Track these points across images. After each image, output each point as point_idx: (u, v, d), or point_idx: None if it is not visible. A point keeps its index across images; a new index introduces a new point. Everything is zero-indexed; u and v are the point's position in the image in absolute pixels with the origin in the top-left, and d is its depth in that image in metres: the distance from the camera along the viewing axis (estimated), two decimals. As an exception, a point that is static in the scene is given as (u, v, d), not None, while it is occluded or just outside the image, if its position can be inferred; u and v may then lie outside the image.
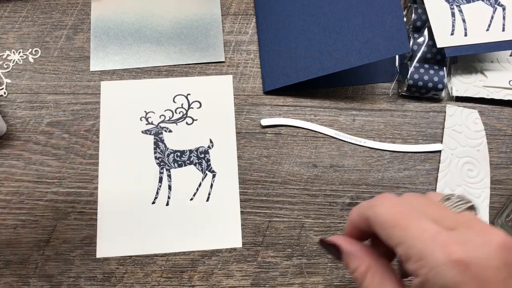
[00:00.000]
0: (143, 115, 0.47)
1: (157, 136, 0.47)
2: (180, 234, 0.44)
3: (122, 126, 0.47)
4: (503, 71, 0.50)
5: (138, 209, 0.44)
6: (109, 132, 0.47)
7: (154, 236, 0.44)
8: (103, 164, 0.46)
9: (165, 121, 0.47)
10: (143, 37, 0.51)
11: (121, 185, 0.45)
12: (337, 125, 0.49)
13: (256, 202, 0.46)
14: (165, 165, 0.46)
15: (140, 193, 0.45)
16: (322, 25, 0.47)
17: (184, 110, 0.48)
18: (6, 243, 0.44)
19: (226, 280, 0.43)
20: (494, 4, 0.49)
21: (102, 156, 0.46)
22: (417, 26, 0.51)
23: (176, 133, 0.47)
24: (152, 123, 0.47)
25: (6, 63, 0.50)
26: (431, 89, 0.48)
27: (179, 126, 0.47)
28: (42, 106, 0.48)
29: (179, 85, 0.49)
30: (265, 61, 0.50)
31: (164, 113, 0.48)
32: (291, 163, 0.47)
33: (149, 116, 0.47)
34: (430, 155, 0.48)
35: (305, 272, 0.44)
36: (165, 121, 0.47)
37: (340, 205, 0.46)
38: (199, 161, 0.46)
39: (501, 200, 0.47)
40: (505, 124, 0.49)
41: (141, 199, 0.45)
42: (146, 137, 0.47)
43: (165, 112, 0.48)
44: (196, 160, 0.46)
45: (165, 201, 0.45)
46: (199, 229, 0.44)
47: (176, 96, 0.48)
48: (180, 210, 0.45)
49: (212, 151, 0.47)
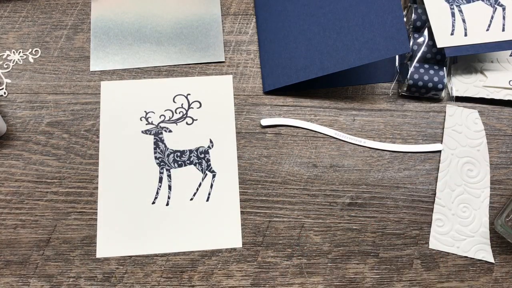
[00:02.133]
0: (143, 115, 0.47)
1: (157, 136, 0.47)
2: (180, 234, 0.44)
3: (122, 126, 0.47)
4: (503, 71, 0.50)
5: (138, 209, 0.44)
6: (109, 132, 0.47)
7: (154, 236, 0.44)
8: (103, 164, 0.46)
9: (165, 121, 0.47)
10: (143, 37, 0.51)
11: (121, 185, 0.45)
12: (337, 125, 0.49)
13: (256, 202, 0.46)
14: (165, 165, 0.46)
15: (140, 193, 0.45)
16: (322, 25, 0.47)
17: (184, 110, 0.48)
18: (6, 243, 0.44)
19: (226, 280, 0.43)
20: (494, 4, 0.49)
21: (102, 156, 0.46)
22: (417, 26, 0.51)
23: (176, 133, 0.47)
24: (152, 123, 0.47)
25: (6, 63, 0.50)
26: (431, 89, 0.48)
27: (179, 126, 0.47)
28: (42, 106, 0.48)
29: (179, 85, 0.49)
30: (265, 61, 0.50)
31: (164, 113, 0.48)
32: (291, 163, 0.47)
33: (149, 116, 0.47)
34: (430, 155, 0.48)
35: (305, 272, 0.44)
36: (165, 121, 0.47)
37: (340, 205, 0.46)
38: (199, 161, 0.46)
39: (501, 200, 0.47)
40: (505, 124, 0.49)
41: (141, 199, 0.45)
42: (146, 137, 0.47)
43: (165, 112, 0.48)
44: (196, 160, 0.46)
45: (165, 201, 0.45)
46: (199, 229, 0.44)
47: (176, 96, 0.48)
48: (180, 210, 0.45)
49: (212, 151, 0.47)
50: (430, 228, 0.46)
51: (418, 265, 0.45)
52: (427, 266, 0.45)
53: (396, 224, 0.46)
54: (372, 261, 0.45)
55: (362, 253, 0.45)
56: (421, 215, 0.46)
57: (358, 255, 0.45)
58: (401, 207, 0.46)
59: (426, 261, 0.45)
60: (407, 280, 0.44)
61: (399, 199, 0.47)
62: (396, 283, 0.44)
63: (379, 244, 0.45)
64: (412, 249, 0.45)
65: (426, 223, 0.46)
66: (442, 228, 0.46)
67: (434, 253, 0.45)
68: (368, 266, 0.44)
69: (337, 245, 0.45)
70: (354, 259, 0.45)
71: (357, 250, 0.45)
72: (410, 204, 0.46)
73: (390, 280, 0.44)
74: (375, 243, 0.45)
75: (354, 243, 0.45)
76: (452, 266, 0.45)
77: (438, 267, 0.45)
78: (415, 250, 0.45)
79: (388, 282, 0.44)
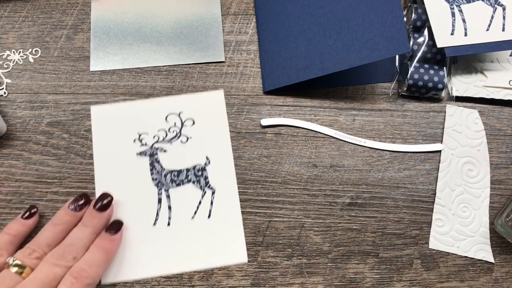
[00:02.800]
0: (136, 137, 0.46)
1: (152, 157, 0.46)
2: (184, 253, 0.43)
3: (116, 150, 0.46)
4: (503, 71, 0.50)
5: (140, 232, 0.44)
6: (104, 158, 0.46)
7: (158, 258, 0.43)
8: (100, 191, 0.45)
9: (159, 142, 0.46)
10: (143, 37, 0.51)
11: (120, 210, 0.44)
12: (337, 125, 0.49)
13: (256, 202, 0.46)
14: (163, 186, 0.45)
15: (140, 216, 0.44)
16: (322, 25, 0.47)
17: (177, 128, 0.47)
18: (6, 243, 0.44)
19: (226, 280, 0.43)
20: (494, 4, 0.49)
21: (98, 182, 0.45)
22: (417, 26, 0.51)
23: (172, 153, 0.46)
24: (146, 144, 0.46)
25: (6, 63, 0.50)
26: (431, 89, 0.48)
27: (173, 146, 0.46)
28: (42, 106, 0.48)
29: (170, 104, 0.48)
30: (265, 61, 0.50)
31: (158, 133, 0.47)
32: (291, 163, 0.47)
33: (142, 137, 0.46)
34: (430, 155, 0.48)
35: (305, 272, 0.44)
36: (159, 141, 0.46)
37: (340, 205, 0.46)
38: (197, 179, 0.45)
39: (501, 200, 0.47)
40: (505, 124, 0.49)
41: (142, 221, 0.44)
42: (142, 159, 0.46)
43: (159, 132, 0.47)
44: (194, 178, 0.45)
45: (166, 222, 0.44)
46: (203, 247, 0.43)
47: (168, 115, 0.47)
48: (182, 229, 0.44)
49: (210, 167, 0.46)
50: (430, 228, 0.46)
51: (418, 265, 0.45)
52: (427, 266, 0.45)
53: (396, 224, 0.46)
54: (372, 261, 0.45)
55: (362, 253, 0.45)
56: (421, 215, 0.46)
57: (358, 255, 0.45)
58: (401, 207, 0.46)
59: (426, 261, 0.45)
60: (407, 280, 0.44)
61: (399, 199, 0.47)
62: (396, 283, 0.44)
63: (379, 244, 0.45)
64: (412, 249, 0.45)
65: (426, 223, 0.46)
66: (442, 228, 0.46)
67: (434, 253, 0.45)
68: (368, 266, 0.44)
69: (337, 245, 0.45)
70: (354, 259, 0.45)
71: (357, 250, 0.45)
72: (410, 204, 0.46)
73: (390, 280, 0.44)
74: (375, 243, 0.45)
75: (354, 243, 0.45)
76: (452, 266, 0.45)
77: (438, 267, 0.45)
78: (415, 250, 0.45)
79: (388, 282, 0.44)
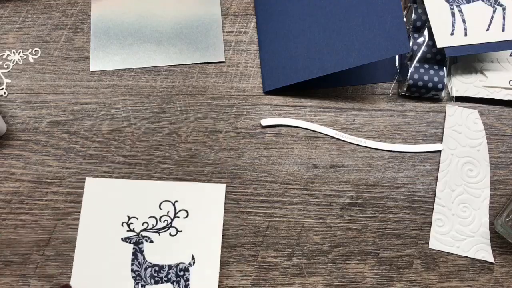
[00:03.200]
0: (125, 220, 0.44)
1: (137, 245, 0.43)
2: None
3: (103, 228, 0.44)
4: (503, 71, 0.50)
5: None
6: (88, 235, 0.43)
7: None
8: (77, 269, 0.43)
9: (147, 230, 0.44)
10: (143, 37, 0.51)
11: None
12: (337, 125, 0.49)
13: (256, 202, 0.46)
14: (140, 280, 0.42)
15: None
16: (322, 25, 0.47)
17: (169, 218, 0.44)
18: (6, 243, 0.44)
19: (226, 280, 0.43)
20: (494, 4, 0.49)
21: (77, 262, 0.43)
22: (417, 26, 0.51)
23: (158, 244, 0.43)
24: (134, 230, 0.44)
25: (6, 63, 0.50)
26: (431, 89, 0.48)
27: (161, 237, 0.43)
28: (42, 106, 0.48)
29: (168, 190, 0.45)
30: (265, 61, 0.50)
31: (148, 220, 0.44)
32: (291, 163, 0.47)
33: (131, 222, 0.44)
34: (430, 155, 0.48)
35: (305, 272, 0.44)
36: (147, 229, 0.44)
37: (340, 205, 0.46)
38: (177, 279, 0.42)
39: (501, 200, 0.47)
40: (505, 124, 0.49)
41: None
42: (126, 245, 0.43)
43: (149, 219, 0.44)
44: (174, 278, 0.42)
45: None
46: None
47: (162, 202, 0.45)
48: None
49: (193, 269, 0.43)
50: (430, 228, 0.46)
51: (418, 265, 0.45)
52: (427, 266, 0.45)
53: (396, 224, 0.46)
54: (372, 261, 0.45)
55: (362, 253, 0.45)
56: (421, 215, 0.46)
57: (358, 255, 0.45)
58: (401, 207, 0.46)
59: (426, 261, 0.45)
60: (407, 280, 0.44)
61: (399, 199, 0.47)
62: (396, 283, 0.44)
63: (379, 244, 0.45)
64: (412, 249, 0.45)
65: (426, 223, 0.46)
66: (442, 228, 0.46)
67: (434, 253, 0.45)
68: (368, 266, 0.44)
69: (337, 245, 0.45)
70: (354, 259, 0.45)
71: (357, 250, 0.45)
72: (410, 204, 0.46)
73: (390, 280, 0.44)
74: (375, 243, 0.45)
75: (354, 243, 0.45)
76: (452, 266, 0.45)
77: (438, 267, 0.45)
78: (415, 250, 0.45)
79: (388, 282, 0.44)
